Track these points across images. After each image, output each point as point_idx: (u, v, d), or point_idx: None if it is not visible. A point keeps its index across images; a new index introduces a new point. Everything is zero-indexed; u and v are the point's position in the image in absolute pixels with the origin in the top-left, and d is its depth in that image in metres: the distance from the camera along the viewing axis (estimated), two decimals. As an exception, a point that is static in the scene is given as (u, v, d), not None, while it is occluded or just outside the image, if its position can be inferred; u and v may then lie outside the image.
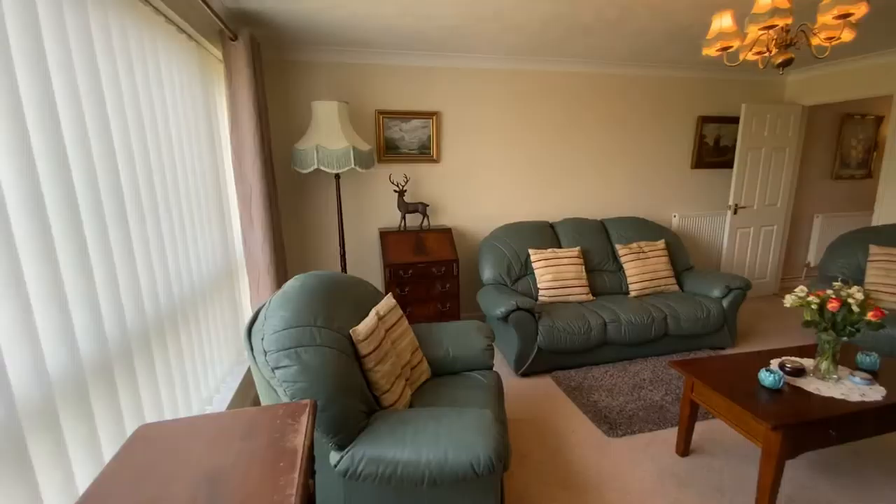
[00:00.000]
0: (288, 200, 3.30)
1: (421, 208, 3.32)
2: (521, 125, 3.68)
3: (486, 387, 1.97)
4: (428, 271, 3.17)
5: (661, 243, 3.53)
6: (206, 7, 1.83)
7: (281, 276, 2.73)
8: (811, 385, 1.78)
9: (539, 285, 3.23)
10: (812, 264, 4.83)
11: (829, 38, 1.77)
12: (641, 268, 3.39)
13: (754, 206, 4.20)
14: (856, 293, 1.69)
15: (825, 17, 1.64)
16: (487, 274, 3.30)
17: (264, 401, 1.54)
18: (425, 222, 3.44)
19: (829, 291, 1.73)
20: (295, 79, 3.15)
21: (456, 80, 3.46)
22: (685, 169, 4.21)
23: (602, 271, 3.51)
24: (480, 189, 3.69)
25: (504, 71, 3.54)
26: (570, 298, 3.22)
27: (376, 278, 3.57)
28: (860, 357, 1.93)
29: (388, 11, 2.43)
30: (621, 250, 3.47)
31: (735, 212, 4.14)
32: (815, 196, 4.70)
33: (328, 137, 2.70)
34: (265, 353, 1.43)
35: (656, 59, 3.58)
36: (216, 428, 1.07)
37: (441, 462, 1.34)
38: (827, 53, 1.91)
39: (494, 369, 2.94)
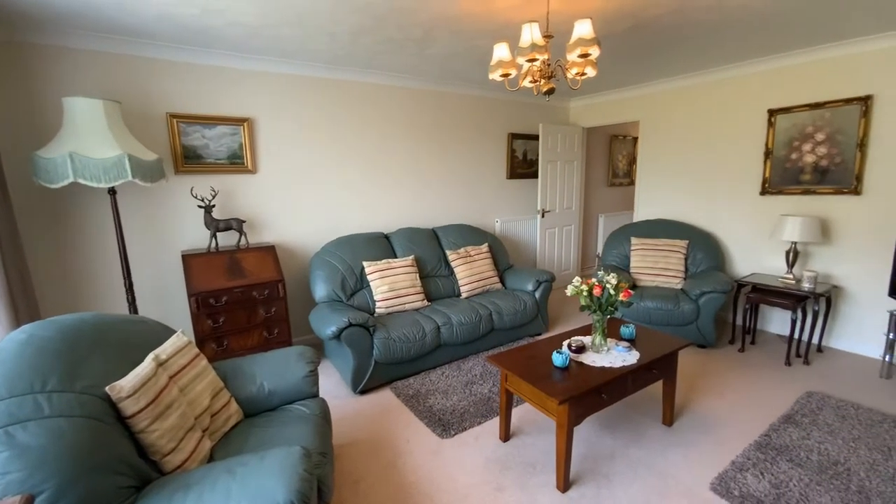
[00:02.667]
0: (34, 225, 2.53)
1: (236, 225, 2.94)
2: (348, 135, 3.61)
3: (308, 418, 1.81)
4: (248, 296, 2.82)
5: (485, 247, 3.87)
6: None
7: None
8: (589, 358, 2.13)
9: (375, 297, 3.19)
10: (600, 255, 5.98)
11: (579, 73, 2.17)
12: (469, 270, 3.66)
13: (556, 209, 4.98)
14: (611, 279, 2.09)
15: (572, 56, 1.99)
16: (320, 291, 3.11)
17: (-44, 511, 1.09)
18: (242, 240, 3.06)
19: (594, 280, 2.11)
20: (37, 68, 2.45)
21: (270, 85, 3.19)
22: (502, 179, 4.74)
23: (436, 277, 3.67)
24: (307, 201, 3.47)
25: (325, 80, 3.42)
26: (407, 306, 3.26)
27: (181, 311, 3.03)
28: (622, 329, 2.40)
29: (162, -3, 2.07)
30: (451, 255, 3.69)
31: (542, 215, 4.84)
32: (598, 199, 5.84)
33: (90, 143, 2.16)
34: (-53, 444, 1.02)
35: (469, 79, 3.94)
36: None
37: (231, 525, 1.14)
38: (579, 86, 2.33)
39: (323, 395, 2.77)
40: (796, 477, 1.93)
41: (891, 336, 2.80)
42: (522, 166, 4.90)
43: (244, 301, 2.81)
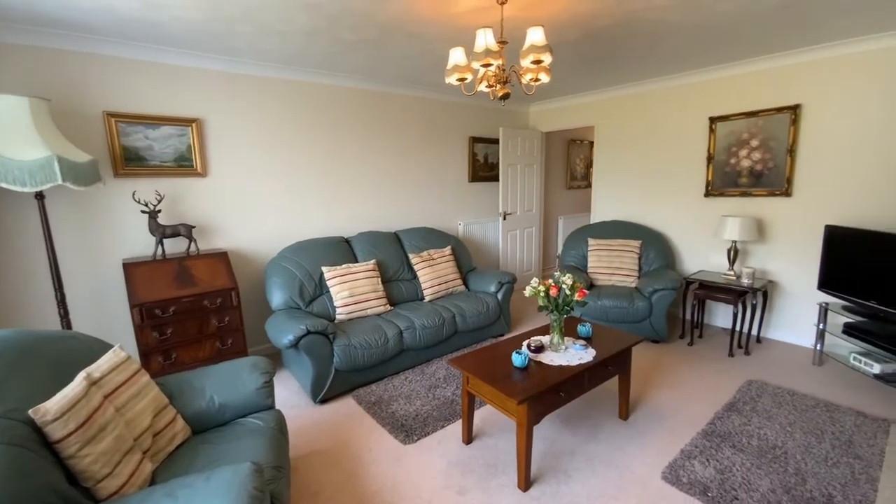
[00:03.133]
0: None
1: (184, 231, 2.79)
2: (306, 137, 3.51)
3: (262, 431, 1.74)
4: (198, 305, 2.68)
5: (447, 249, 3.88)
6: None
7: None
8: (548, 357, 2.18)
9: (336, 303, 3.12)
10: (560, 256, 6.14)
11: (533, 79, 2.22)
12: (432, 273, 3.65)
13: (517, 212, 5.07)
14: (567, 280, 2.15)
15: (525, 62, 2.03)
16: (277, 299, 3.01)
17: None
18: (192, 247, 2.91)
19: (550, 281, 2.16)
20: (-48, 60, 2.23)
21: (221, 84, 3.05)
22: (464, 182, 4.77)
23: (399, 281, 3.63)
24: (262, 205, 3.35)
25: (280, 80, 3.32)
26: (369, 312, 3.21)
27: (123, 324, 2.83)
28: (579, 327, 2.47)
29: (95, -11, 1.93)
30: (414, 259, 3.67)
31: (504, 218, 4.91)
32: (557, 202, 6.00)
33: (13, 144, 1.98)
34: None
35: (428, 82, 3.94)
36: None
37: (172, 552, 1.07)
38: (534, 92, 2.39)
39: (281, 406, 2.68)
40: (738, 462, 2.05)
41: (821, 326, 3.04)
42: (484, 169, 4.95)
43: (194, 311, 2.67)
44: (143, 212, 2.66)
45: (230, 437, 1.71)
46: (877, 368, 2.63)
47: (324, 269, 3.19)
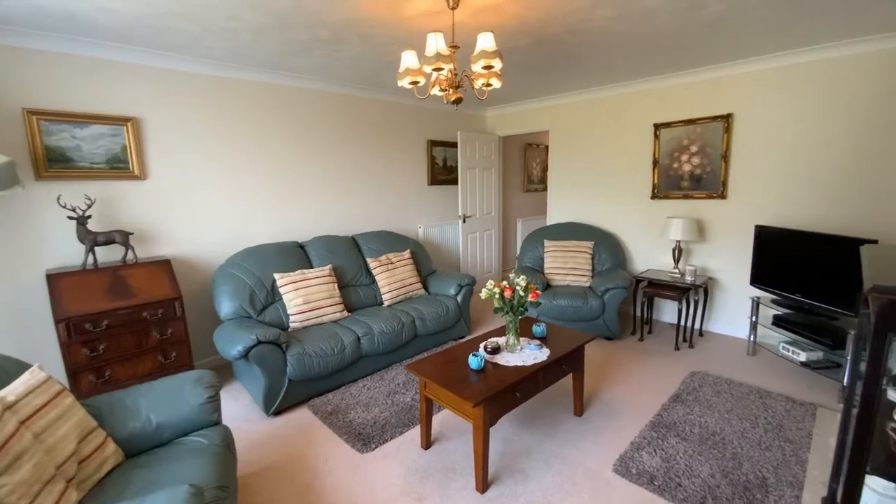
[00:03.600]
0: None
1: (119, 238, 2.60)
2: (257, 138, 3.37)
3: (205, 449, 1.64)
4: (137, 317, 2.50)
5: (406, 253, 3.85)
6: None
7: None
8: (503, 359, 2.20)
9: (289, 311, 3.01)
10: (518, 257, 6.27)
11: (485, 84, 2.25)
12: (391, 277, 3.61)
13: (477, 215, 5.12)
14: (520, 281, 2.19)
15: (476, 67, 2.05)
16: (226, 308, 2.86)
17: None
18: (129, 255, 2.71)
19: (505, 282, 2.19)
20: None
21: (162, 82, 2.87)
22: (423, 185, 4.76)
23: (356, 286, 3.56)
24: (210, 210, 3.18)
25: (229, 79, 3.17)
26: (325, 319, 3.12)
27: (48, 340, 2.58)
28: (534, 328, 2.52)
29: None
30: (372, 263, 3.62)
31: (464, 220, 4.95)
32: (515, 204, 6.12)
33: None
34: None
35: (384, 86, 3.90)
36: None
37: (95, 590, 0.98)
38: (486, 96, 2.42)
39: (231, 420, 2.55)
40: (682, 450, 2.17)
41: (753, 319, 3.27)
42: (443, 173, 4.97)
43: (132, 323, 2.48)
44: (70, 218, 2.45)
45: (168, 458, 1.60)
46: (803, 356, 2.87)
47: (276, 275, 3.07)
